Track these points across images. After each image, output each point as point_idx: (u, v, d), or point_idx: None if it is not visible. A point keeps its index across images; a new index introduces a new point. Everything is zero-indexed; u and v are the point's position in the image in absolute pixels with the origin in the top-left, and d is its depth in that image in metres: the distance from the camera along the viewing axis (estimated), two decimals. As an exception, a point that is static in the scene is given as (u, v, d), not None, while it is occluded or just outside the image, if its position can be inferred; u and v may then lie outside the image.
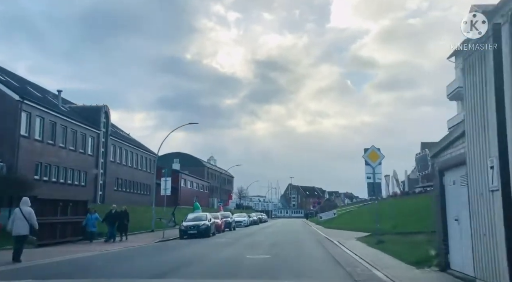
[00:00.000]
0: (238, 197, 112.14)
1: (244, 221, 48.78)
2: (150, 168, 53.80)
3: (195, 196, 75.17)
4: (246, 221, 49.06)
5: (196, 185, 76.18)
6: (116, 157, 44.21)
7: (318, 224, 49.38)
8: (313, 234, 30.02)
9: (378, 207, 42.43)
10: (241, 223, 47.88)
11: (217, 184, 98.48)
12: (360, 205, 55.07)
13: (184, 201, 65.39)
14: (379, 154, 17.65)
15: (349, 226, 34.02)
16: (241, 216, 50.97)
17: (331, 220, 48.37)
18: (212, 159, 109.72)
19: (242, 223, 48.08)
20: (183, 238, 27.37)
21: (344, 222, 39.98)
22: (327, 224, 43.75)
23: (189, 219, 28.98)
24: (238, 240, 24.26)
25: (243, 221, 48.54)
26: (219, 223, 33.37)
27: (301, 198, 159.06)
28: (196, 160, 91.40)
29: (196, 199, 76.40)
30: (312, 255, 15.26)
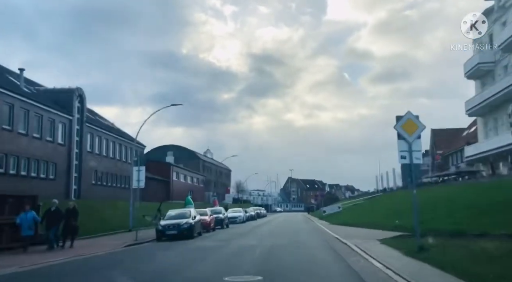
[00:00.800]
0: (236, 191, 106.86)
1: (240, 216, 43.54)
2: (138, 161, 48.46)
3: (189, 190, 69.86)
4: (242, 217, 43.81)
5: (190, 178, 70.89)
6: (94, 147, 38.83)
7: (321, 219, 44.15)
8: (319, 233, 24.68)
9: (397, 198, 36.88)
10: (236, 219, 42.68)
11: (213, 177, 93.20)
12: (366, 198, 49.72)
13: (177, 195, 60.19)
14: (417, 124, 12.27)
15: (360, 222, 28.72)
16: (236, 211, 45.72)
17: (336, 215, 43.14)
18: (208, 152, 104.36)
19: (237, 219, 42.88)
20: (161, 239, 22.15)
21: (352, 217, 34.71)
22: (333, 219, 38.50)
23: (169, 217, 23.69)
24: (225, 243, 18.93)
25: (238, 217, 43.32)
26: (208, 220, 28.09)
27: (301, 191, 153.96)
28: (191, 152, 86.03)
29: (190, 193, 71.19)
30: (328, 274, 9.91)
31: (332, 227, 28.47)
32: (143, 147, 50.19)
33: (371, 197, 48.21)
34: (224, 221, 33.60)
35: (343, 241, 17.30)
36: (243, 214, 44.74)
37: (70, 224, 16.88)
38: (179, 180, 63.48)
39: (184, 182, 66.69)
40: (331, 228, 27.77)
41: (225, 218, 34.71)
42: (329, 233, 23.49)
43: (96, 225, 26.98)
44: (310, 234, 23.68)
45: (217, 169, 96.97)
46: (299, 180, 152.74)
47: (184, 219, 22.79)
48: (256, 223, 43.68)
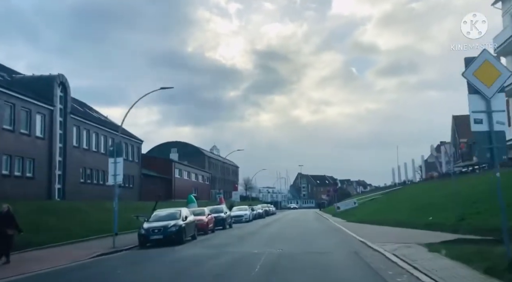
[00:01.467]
0: (244, 188, 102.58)
1: (245, 215, 39.20)
2: (133, 156, 44.31)
3: (194, 187, 65.70)
4: (248, 216, 39.45)
5: (194, 175, 66.68)
6: (81, 142, 34.64)
7: (335, 216, 39.69)
8: (338, 234, 20.19)
9: (421, 191, 32.56)
10: (241, 218, 38.40)
11: (220, 174, 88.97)
12: (384, 192, 45.06)
13: (180, 194, 56.01)
14: (498, 68, 7.79)
15: (383, 219, 24.29)
16: (241, 209, 41.39)
17: (352, 211, 38.63)
18: (215, 149, 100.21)
19: (242, 218, 38.59)
20: (144, 245, 17.95)
21: (371, 214, 30.25)
22: (349, 216, 34.03)
23: (155, 218, 19.39)
24: (218, 252, 14.54)
25: (243, 216, 39.00)
26: (204, 221, 23.74)
27: (312, 187, 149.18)
28: (196, 149, 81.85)
29: (194, 191, 67.02)
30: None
31: (351, 226, 24.01)
32: (140, 141, 46.06)
33: (389, 191, 43.56)
34: (226, 220, 29.28)
35: (374, 247, 12.86)
36: (249, 212, 40.38)
37: (3, 233, 12.54)
38: (182, 177, 59.28)
39: (187, 179, 62.50)
40: (350, 227, 23.31)
41: (228, 217, 30.39)
42: (350, 234, 19.04)
43: (79, 229, 22.94)
44: (327, 236, 19.20)
45: (223, 165, 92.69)
46: (309, 176, 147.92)
47: (172, 221, 18.48)
48: (264, 221, 39.32)
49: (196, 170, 68.08)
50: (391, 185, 52.77)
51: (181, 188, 57.25)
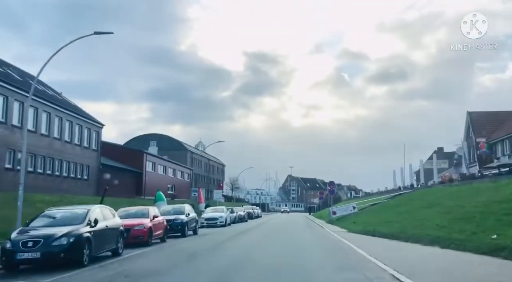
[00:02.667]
0: (230, 188, 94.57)
1: (221, 218, 31.21)
2: (90, 142, 36.15)
3: (171, 184, 57.60)
4: (224, 219, 31.44)
5: (172, 171, 58.53)
6: (9, 117, 26.46)
7: (331, 222, 31.86)
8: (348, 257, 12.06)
9: (445, 195, 26.56)
10: (215, 222, 30.58)
11: (203, 172, 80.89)
12: (389, 196, 37.25)
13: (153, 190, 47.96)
14: None
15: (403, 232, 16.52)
16: (217, 210, 33.39)
17: (351, 218, 30.81)
18: (200, 145, 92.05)
19: (217, 222, 30.73)
20: (13, 269, 10.07)
21: (380, 222, 22.40)
22: (349, 224, 26.22)
23: (40, 222, 11.35)
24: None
25: (218, 219, 31.05)
26: (145, 226, 15.67)
27: (301, 190, 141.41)
28: (177, 143, 73.81)
29: (172, 188, 58.90)
30: None
31: (360, 241, 16.13)
32: (100, 125, 37.87)
33: (396, 195, 35.74)
34: (188, 225, 21.22)
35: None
36: (226, 215, 32.35)
37: None
38: (156, 171, 51.13)
39: (163, 174, 54.35)
40: (360, 242, 15.40)
41: (192, 220, 22.32)
42: (364, 256, 11.21)
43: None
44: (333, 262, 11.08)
45: (208, 163, 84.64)
46: (299, 178, 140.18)
47: (65, 228, 10.48)
48: (244, 226, 31.41)
49: (174, 164, 59.95)
50: (394, 189, 45.06)
51: (154, 184, 49.01)
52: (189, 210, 22.47)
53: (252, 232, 24.53)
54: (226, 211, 33.41)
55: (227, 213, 33.42)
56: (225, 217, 31.79)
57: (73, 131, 32.92)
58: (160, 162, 53.16)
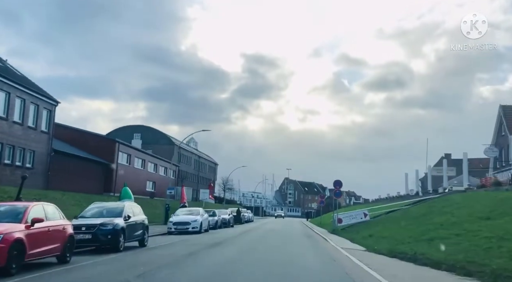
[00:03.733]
0: (223, 189, 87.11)
1: (194, 223, 23.86)
2: (37, 122, 28.68)
3: (150, 181, 50.20)
4: (198, 223, 24.04)
5: (153, 166, 51.10)
6: None
7: (336, 233, 24.50)
8: None
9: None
10: (187, 228, 23.33)
11: (192, 169, 73.44)
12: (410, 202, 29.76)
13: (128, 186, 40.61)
14: None
15: (465, 256, 8.95)
16: (192, 212, 25.92)
17: (363, 228, 23.47)
18: (192, 141, 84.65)
19: (189, 228, 23.45)
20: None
21: (409, 237, 15.06)
22: (362, 237, 18.92)
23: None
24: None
25: (191, 223, 23.73)
26: (10, 237, 8.23)
27: (299, 194, 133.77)
28: (163, 136, 66.50)
29: (152, 185, 51.47)
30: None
31: (400, 273, 8.73)
32: (54, 103, 30.40)
33: (417, 201, 28.30)
34: (127, 233, 13.74)
35: None
36: (201, 219, 24.90)
37: None
38: (131, 165, 43.66)
39: (141, 169, 46.92)
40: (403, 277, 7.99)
41: (136, 226, 14.82)
42: None
43: None
44: None
45: (199, 160, 77.25)
46: (297, 182, 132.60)
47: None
48: (223, 234, 23.99)
49: (156, 159, 52.49)
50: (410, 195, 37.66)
51: (129, 180, 41.60)
52: (133, 211, 15.01)
53: (228, 245, 17.01)
54: (203, 214, 26.00)
55: (204, 216, 26.02)
56: (200, 221, 24.37)
57: (11, 105, 25.47)
58: (137, 154, 45.71)
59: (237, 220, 41.66)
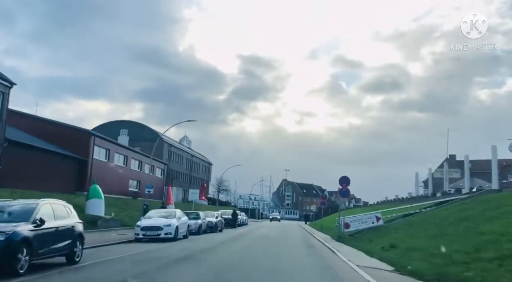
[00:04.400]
0: (217, 190, 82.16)
1: (166, 227, 19.00)
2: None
3: (135, 180, 45.35)
4: (173, 229, 19.16)
5: (137, 163, 46.19)
6: None
7: (342, 241, 19.67)
8: None
9: None
10: (158, 234, 18.60)
11: (184, 169, 68.56)
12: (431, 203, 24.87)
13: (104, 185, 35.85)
14: None
15: None
16: (167, 214, 21.01)
17: (375, 234, 18.68)
18: (185, 140, 79.94)
19: (160, 234, 18.70)
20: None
21: (456, 252, 10.20)
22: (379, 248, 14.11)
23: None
24: None
25: (164, 229, 18.97)
26: None
27: (297, 196, 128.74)
28: (152, 133, 61.59)
29: (136, 184, 46.61)
30: None
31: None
32: (8, 84, 25.46)
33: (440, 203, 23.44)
34: (35, 245, 8.87)
35: None
36: (179, 222, 20.03)
37: None
38: (110, 161, 38.75)
39: (123, 166, 42.02)
40: None
41: (54, 235, 9.87)
42: None
43: None
44: None
45: (192, 159, 72.36)
46: (295, 183, 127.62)
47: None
48: (201, 243, 19.13)
49: (141, 156, 47.59)
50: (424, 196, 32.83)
51: (107, 178, 36.85)
52: (55, 213, 10.09)
53: (195, 263, 11.99)
54: (180, 216, 21.12)
55: (182, 219, 21.15)
56: (175, 225, 19.49)
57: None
58: (118, 150, 40.81)
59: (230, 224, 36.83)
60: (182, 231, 20.64)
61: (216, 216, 29.75)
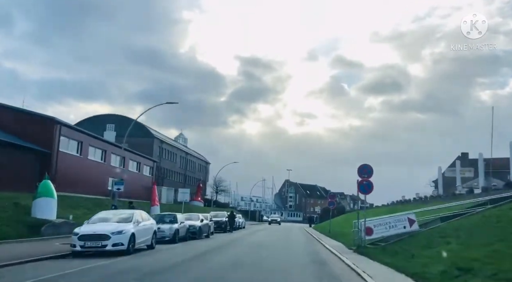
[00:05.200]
0: (215, 191, 76.31)
1: (114, 236, 13.15)
2: None
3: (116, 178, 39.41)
4: (125, 237, 13.34)
5: (118, 159, 40.33)
6: None
7: (364, 252, 13.85)
8: None
9: None
10: (102, 245, 12.84)
11: (178, 167, 62.72)
12: (471, 203, 18.86)
13: (70, 182, 30.22)
14: None
15: None
16: (120, 218, 15.04)
17: (415, 244, 12.83)
18: (181, 138, 74.23)
19: (106, 245, 12.94)
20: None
21: None
22: (434, 269, 8.28)
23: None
24: None
25: (111, 237, 13.09)
26: None
27: (300, 197, 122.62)
28: (141, 128, 55.91)
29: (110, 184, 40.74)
30: None
31: None
32: None
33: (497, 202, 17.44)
34: None
35: None
36: (136, 229, 14.21)
37: None
38: (83, 156, 32.89)
39: (101, 162, 36.22)
40: None
41: None
42: None
43: None
44: None
45: (186, 157, 66.55)
46: (298, 184, 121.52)
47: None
48: (163, 259, 13.31)
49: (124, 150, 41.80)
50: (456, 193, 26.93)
51: (79, 174, 31.10)
52: None
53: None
54: (138, 220, 15.15)
55: (143, 223, 15.31)
56: (129, 233, 13.63)
57: None
58: (94, 143, 34.94)
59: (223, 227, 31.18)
60: (143, 239, 14.88)
61: (201, 219, 23.88)
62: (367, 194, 15.79)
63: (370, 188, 15.64)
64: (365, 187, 15.72)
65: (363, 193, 15.80)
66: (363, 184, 15.79)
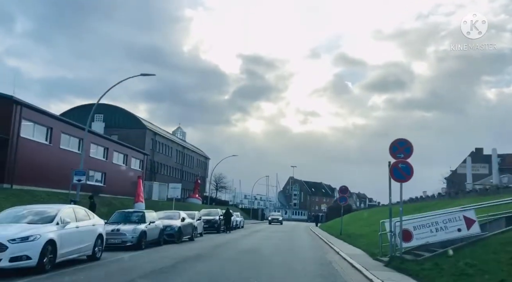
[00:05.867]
0: (215, 188, 71.40)
1: (19, 243, 8.23)
2: None
3: (98, 171, 34.71)
4: (35, 247, 8.44)
5: (102, 151, 35.44)
6: None
7: (403, 270, 8.86)
8: None
9: None
10: None
11: (174, 162, 57.82)
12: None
13: (36, 175, 25.49)
14: None
15: None
16: (34, 218, 9.87)
17: (481, 258, 7.65)
18: (179, 131, 69.34)
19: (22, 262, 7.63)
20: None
21: None
22: None
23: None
24: None
25: (7, 248, 8.09)
26: None
27: (305, 195, 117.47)
28: (132, 118, 51.05)
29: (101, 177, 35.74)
30: None
31: None
32: None
33: None
34: None
35: None
36: (58, 233, 9.30)
37: None
38: (54, 144, 27.95)
39: (75, 152, 31.19)
40: None
41: None
42: None
43: None
44: None
45: (183, 151, 61.59)
46: (303, 182, 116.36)
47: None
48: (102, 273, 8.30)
49: (106, 140, 36.91)
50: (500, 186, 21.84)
51: (48, 166, 26.26)
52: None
53: None
54: (66, 221, 9.97)
55: (74, 225, 10.29)
56: (43, 240, 8.76)
57: None
58: (67, 130, 29.91)
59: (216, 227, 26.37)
60: (76, 248, 10.01)
61: (182, 218, 18.88)
62: (405, 181, 10.71)
63: (409, 172, 10.59)
64: (400, 170, 10.64)
65: (399, 180, 10.71)
66: (397, 167, 10.72)
